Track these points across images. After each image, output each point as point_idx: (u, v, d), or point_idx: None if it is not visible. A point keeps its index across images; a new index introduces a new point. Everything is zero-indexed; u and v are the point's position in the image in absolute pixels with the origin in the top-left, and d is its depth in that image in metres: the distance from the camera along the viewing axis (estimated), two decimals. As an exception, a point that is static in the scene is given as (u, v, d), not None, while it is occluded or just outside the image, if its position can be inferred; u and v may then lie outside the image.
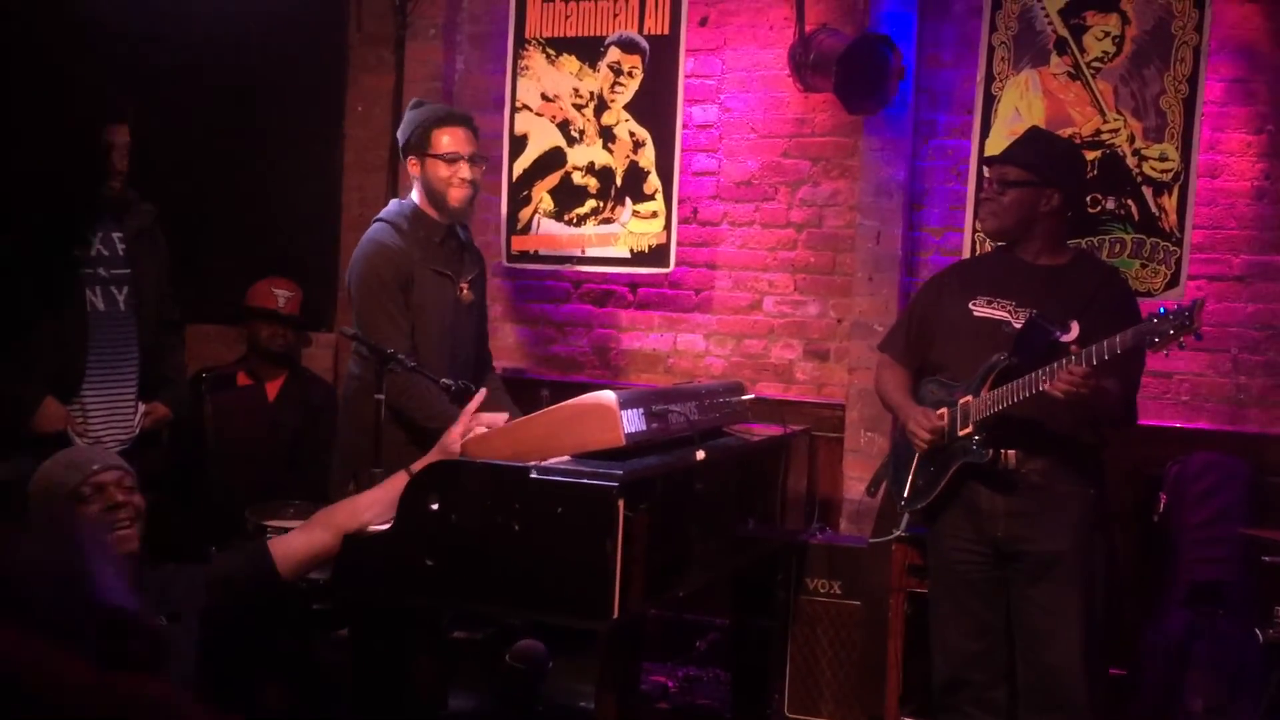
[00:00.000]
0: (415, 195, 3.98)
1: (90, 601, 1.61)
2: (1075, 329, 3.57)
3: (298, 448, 5.13)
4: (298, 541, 3.00)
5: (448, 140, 3.92)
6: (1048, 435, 3.57)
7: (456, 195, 3.92)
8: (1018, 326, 3.63)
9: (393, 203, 4.08)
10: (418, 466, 3.04)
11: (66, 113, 3.54)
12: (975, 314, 3.73)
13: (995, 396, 3.52)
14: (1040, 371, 3.39)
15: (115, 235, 4.12)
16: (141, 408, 4.18)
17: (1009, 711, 3.73)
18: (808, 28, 4.98)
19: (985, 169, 3.94)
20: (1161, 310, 3.24)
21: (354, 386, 3.94)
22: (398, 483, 3.02)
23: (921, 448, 3.71)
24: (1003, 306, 3.70)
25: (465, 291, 4.00)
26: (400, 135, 4.03)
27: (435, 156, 3.90)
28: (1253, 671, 4.13)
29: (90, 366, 4.04)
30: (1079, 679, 3.58)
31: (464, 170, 3.91)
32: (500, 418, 3.30)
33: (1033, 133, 4.01)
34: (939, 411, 3.69)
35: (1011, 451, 3.59)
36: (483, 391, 3.33)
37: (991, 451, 3.57)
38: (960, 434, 3.62)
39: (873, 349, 4.46)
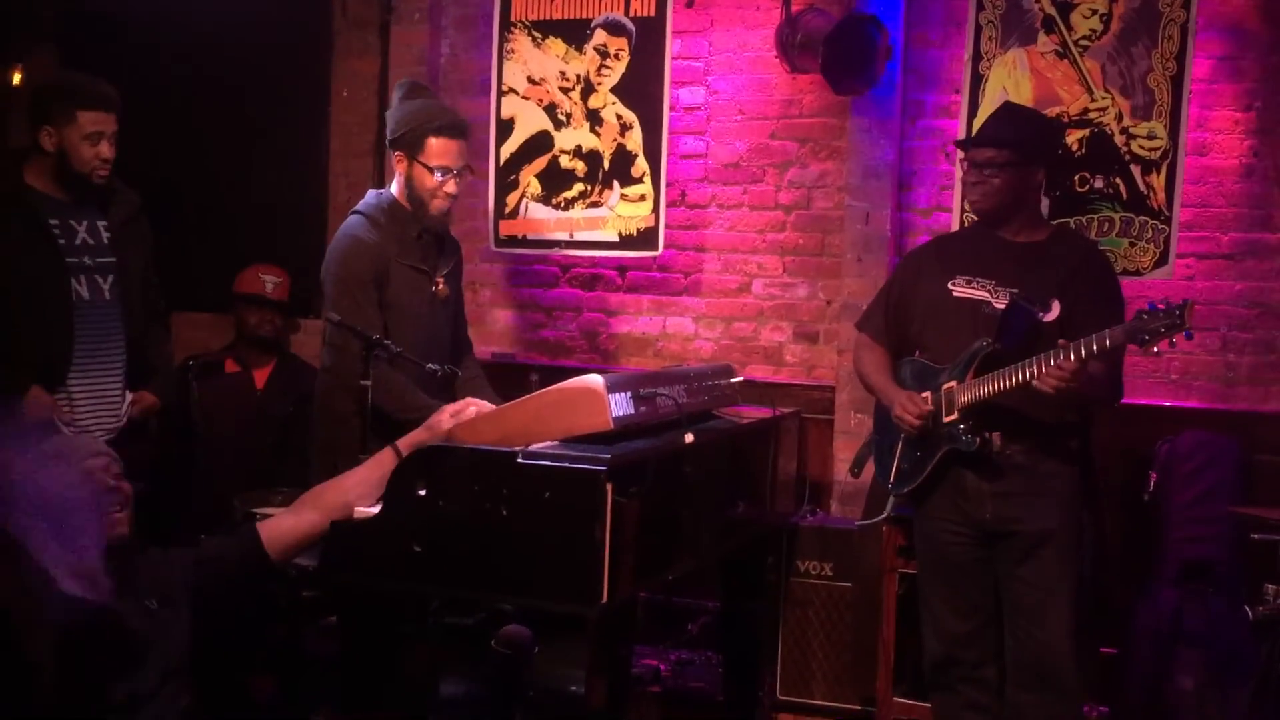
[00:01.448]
0: (395, 188, 3.92)
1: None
2: (1056, 308, 3.56)
3: (288, 435, 5.12)
4: (286, 523, 2.98)
5: (441, 151, 3.84)
6: (1031, 417, 3.57)
7: (438, 206, 3.88)
8: (999, 307, 3.62)
9: (370, 194, 4.02)
10: (404, 443, 3.03)
11: None
12: (955, 294, 3.71)
13: (981, 385, 3.51)
14: (1027, 363, 3.38)
15: (100, 224, 4.10)
16: (129, 396, 4.17)
17: (999, 690, 3.74)
18: (794, 8, 4.96)
19: (961, 150, 3.88)
20: (1151, 306, 3.22)
21: (327, 381, 3.90)
22: (384, 460, 3.01)
23: (911, 432, 3.70)
24: (982, 286, 3.68)
25: (441, 286, 3.96)
26: (392, 124, 3.93)
27: (424, 164, 3.84)
28: (1242, 649, 4.14)
29: (76, 355, 4.02)
30: (1069, 657, 3.59)
31: (450, 185, 3.87)
32: (488, 405, 3.29)
33: (1008, 109, 3.96)
34: (923, 395, 3.68)
35: (995, 433, 3.58)
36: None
37: (979, 439, 3.56)
38: (945, 420, 3.61)
39: (861, 330, 4.45)
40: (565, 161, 5.42)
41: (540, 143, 5.46)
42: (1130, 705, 4.36)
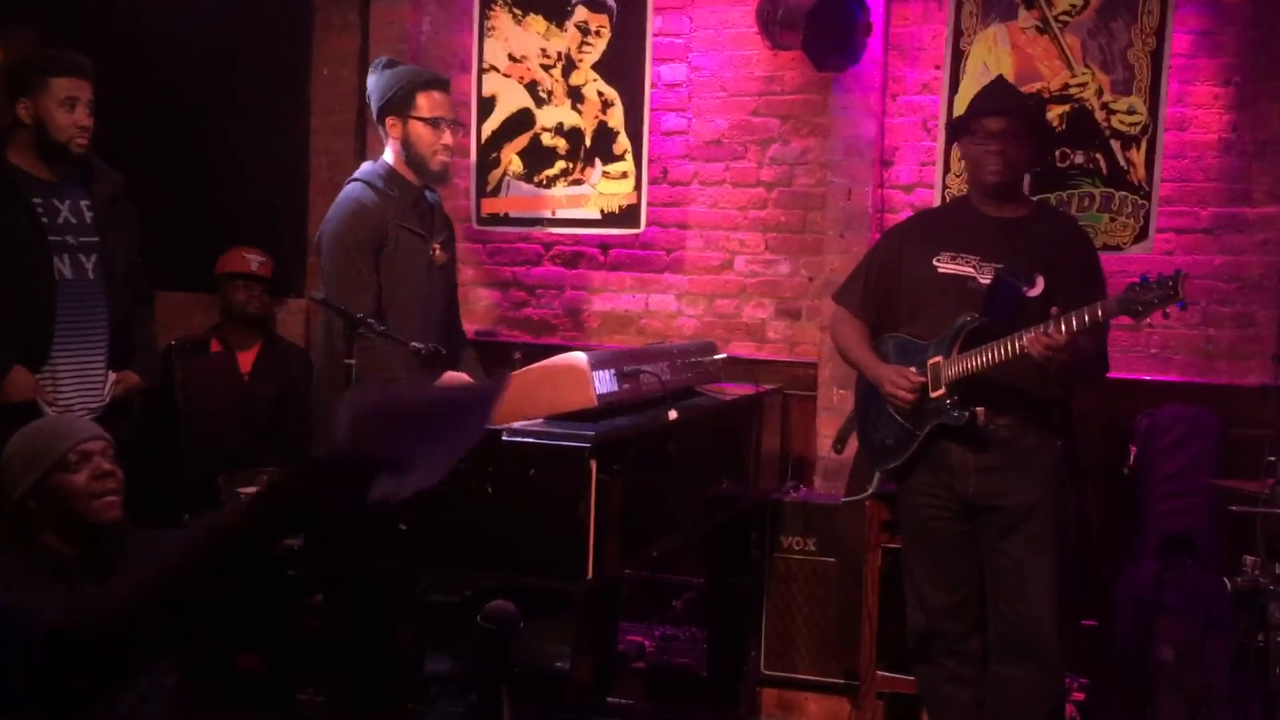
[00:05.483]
0: (389, 156, 3.93)
1: None
2: (1040, 283, 3.58)
3: (276, 416, 5.11)
4: None
5: (431, 104, 3.86)
6: (1015, 391, 3.59)
7: (440, 161, 3.91)
8: (983, 282, 3.63)
9: (365, 164, 4.02)
10: None
11: None
12: (940, 270, 3.72)
13: (969, 358, 3.53)
14: (1016, 336, 3.40)
15: (83, 203, 4.09)
16: (112, 376, 4.16)
17: (983, 662, 3.77)
18: (776, -16, 4.95)
19: (991, 120, 3.66)
20: (1143, 278, 3.23)
21: (327, 357, 3.90)
22: None
23: (904, 407, 3.70)
24: (967, 261, 3.69)
25: (438, 252, 3.98)
26: (375, 95, 3.95)
27: (419, 119, 3.86)
28: (1222, 620, 4.17)
29: (59, 335, 4.01)
30: (1051, 629, 3.62)
31: (447, 135, 3.90)
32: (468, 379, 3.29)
33: (1005, 83, 3.99)
34: (910, 369, 3.69)
35: (980, 408, 3.60)
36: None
37: (966, 413, 3.58)
38: (933, 395, 3.62)
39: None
40: (547, 139, 5.41)
41: (521, 120, 5.45)
42: (1111, 676, 4.40)
